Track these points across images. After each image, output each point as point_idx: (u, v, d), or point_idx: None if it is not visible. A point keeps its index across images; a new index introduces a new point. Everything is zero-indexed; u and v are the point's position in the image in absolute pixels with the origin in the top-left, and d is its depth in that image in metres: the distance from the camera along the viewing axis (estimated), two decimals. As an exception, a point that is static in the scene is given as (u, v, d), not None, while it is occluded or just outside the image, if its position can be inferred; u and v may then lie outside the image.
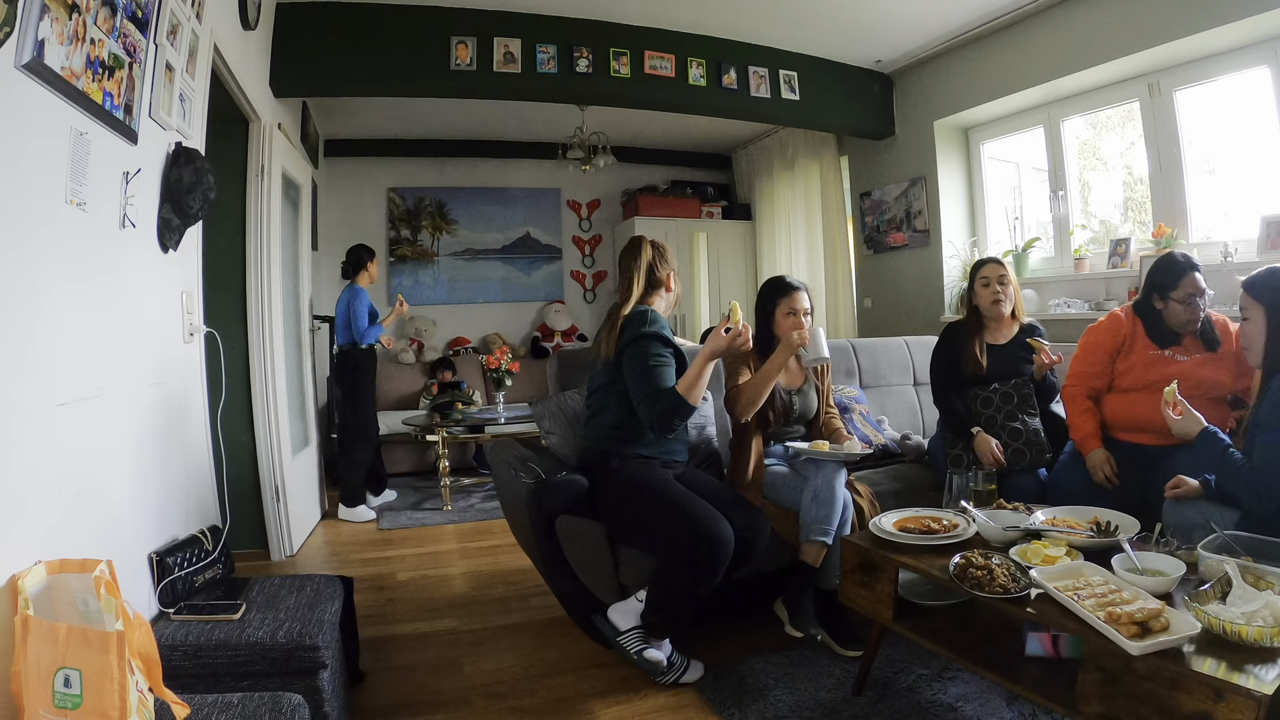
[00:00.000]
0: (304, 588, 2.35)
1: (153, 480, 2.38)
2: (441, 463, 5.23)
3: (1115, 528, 2.21)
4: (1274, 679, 1.46)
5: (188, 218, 2.69)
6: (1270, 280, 2.33)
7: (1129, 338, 2.95)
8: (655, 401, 2.59)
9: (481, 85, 4.66)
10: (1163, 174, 4.46)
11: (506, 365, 5.67)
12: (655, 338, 2.69)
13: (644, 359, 2.65)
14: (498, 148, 7.51)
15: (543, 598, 3.30)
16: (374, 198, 7.33)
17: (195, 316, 2.95)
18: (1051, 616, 1.81)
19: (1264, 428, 2.22)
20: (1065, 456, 3.07)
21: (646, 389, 2.61)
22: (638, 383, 2.64)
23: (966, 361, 3.22)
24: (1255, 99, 4.03)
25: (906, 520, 2.39)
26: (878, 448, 3.46)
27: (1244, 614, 1.62)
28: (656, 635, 2.56)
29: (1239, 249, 3.94)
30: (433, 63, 4.53)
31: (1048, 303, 4.91)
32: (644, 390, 2.63)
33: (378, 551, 4.24)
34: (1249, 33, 3.84)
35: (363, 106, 5.94)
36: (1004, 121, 5.52)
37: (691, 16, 4.91)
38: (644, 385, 2.62)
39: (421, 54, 4.51)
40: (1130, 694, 1.60)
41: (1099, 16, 4.39)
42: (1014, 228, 5.53)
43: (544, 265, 7.91)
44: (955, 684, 2.46)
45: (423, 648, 2.95)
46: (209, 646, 1.95)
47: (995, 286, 3.23)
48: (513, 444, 3.39)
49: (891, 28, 5.15)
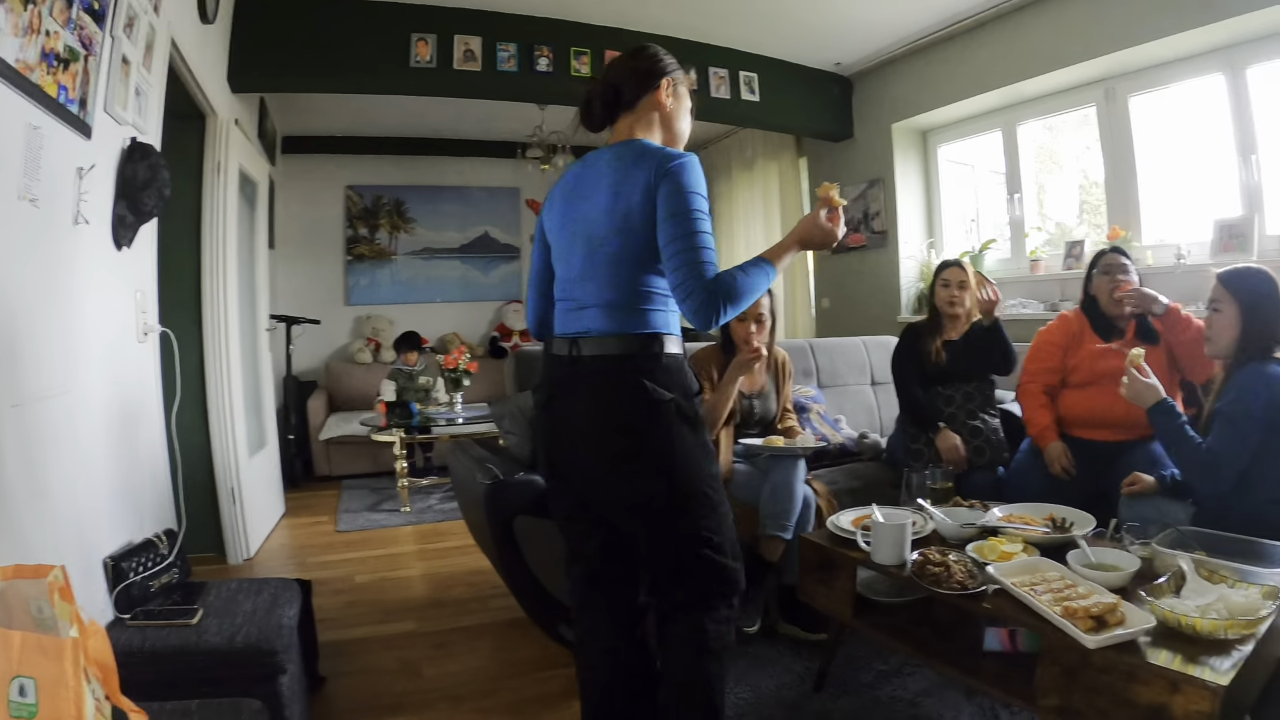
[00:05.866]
0: (261, 591, 2.32)
1: (107, 483, 2.33)
2: (399, 463, 5.18)
3: (1071, 524, 2.26)
4: (1229, 670, 1.49)
5: (142, 215, 2.63)
6: (1248, 279, 2.39)
7: (1076, 334, 3.10)
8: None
9: (441, 83, 4.63)
10: (1117, 177, 4.58)
11: (464, 365, 5.62)
12: None
13: None
14: (457, 146, 7.47)
15: (503, 599, 3.28)
16: (332, 196, 7.24)
17: (149, 316, 2.89)
18: (1009, 612, 1.83)
19: (1224, 416, 2.29)
20: (1021, 455, 3.15)
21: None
22: None
23: (927, 357, 3.31)
24: (1209, 105, 4.14)
25: (865, 518, 2.41)
26: (835, 446, 3.50)
27: (1198, 607, 1.67)
28: None
29: (1192, 251, 4.07)
30: (393, 60, 4.48)
31: (1004, 303, 4.99)
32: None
33: (336, 554, 4.19)
34: (1204, 41, 3.95)
35: (321, 103, 5.86)
36: (962, 125, 5.62)
37: (653, 16, 4.92)
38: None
39: (381, 51, 4.46)
40: (1088, 687, 1.63)
41: (1057, 23, 4.48)
42: (971, 229, 5.64)
43: (502, 265, 7.88)
44: (915, 679, 2.50)
45: (383, 651, 2.92)
46: (166, 653, 1.92)
47: (954, 290, 3.33)
48: (471, 444, 3.38)
49: (851, 31, 5.21)
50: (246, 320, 4.42)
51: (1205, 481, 2.32)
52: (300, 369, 6.39)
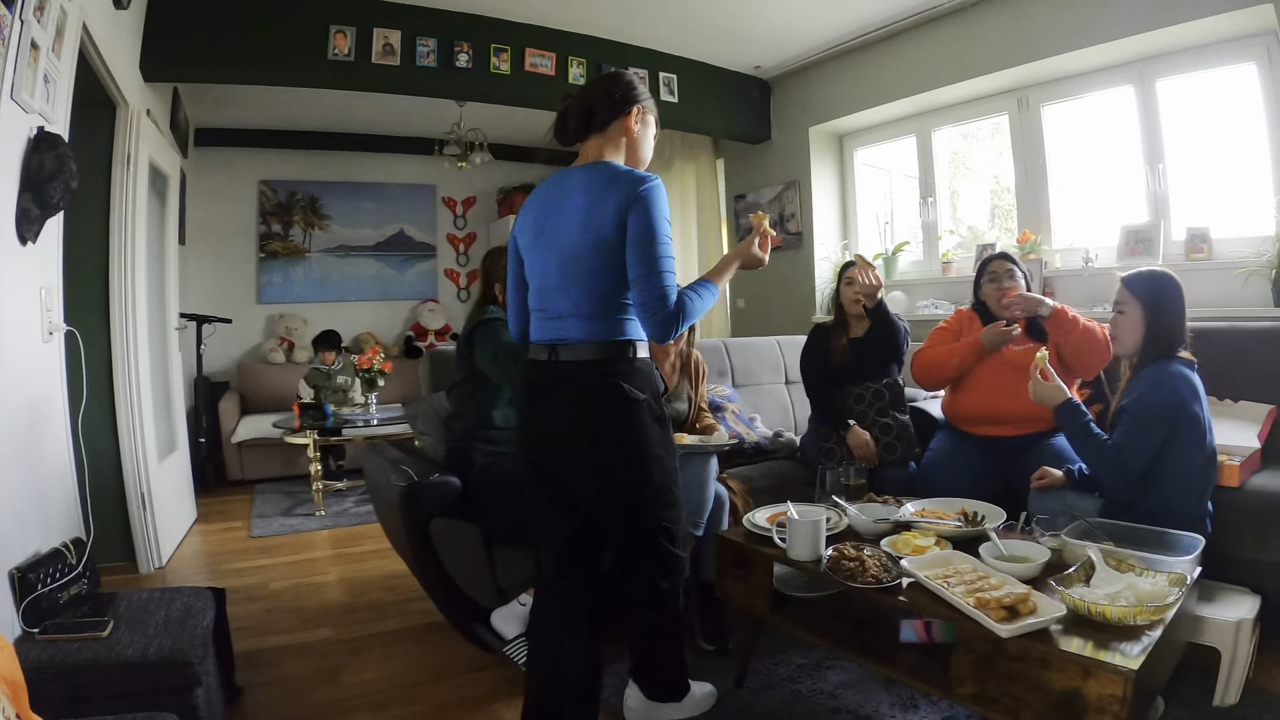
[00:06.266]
0: (174, 601, 2.25)
1: (11, 491, 2.23)
2: (313, 466, 5.06)
3: (982, 518, 2.36)
4: (1139, 654, 1.56)
5: (48, 208, 2.53)
6: (1153, 281, 2.52)
7: (969, 331, 3.24)
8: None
9: (359, 77, 4.55)
10: (1029, 183, 4.81)
11: (379, 365, 5.53)
12: (498, 320, 2.75)
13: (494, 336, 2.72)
14: (373, 142, 7.34)
15: (421, 602, 3.25)
16: (245, 190, 7.00)
17: (55, 314, 2.77)
18: (923, 604, 1.88)
19: (1130, 413, 2.41)
20: (933, 451, 3.25)
21: None
22: None
23: (833, 355, 3.42)
24: (1119, 116, 4.37)
25: (780, 515, 2.43)
26: (750, 445, 3.57)
27: (1108, 595, 1.75)
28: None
29: (1099, 255, 4.31)
30: (310, 52, 4.38)
31: (916, 304, 5.20)
32: None
33: (250, 560, 4.08)
34: (1116, 54, 4.17)
35: (236, 94, 5.66)
36: (877, 130, 5.80)
37: (574, 15, 4.94)
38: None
39: (299, 42, 4.36)
40: (1003, 674, 1.68)
41: (972, 34, 4.67)
42: (885, 232, 5.84)
43: (418, 263, 7.77)
44: (834, 672, 2.57)
45: (301, 659, 2.86)
46: (77, 667, 1.85)
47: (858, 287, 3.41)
48: (385, 446, 3.34)
49: (771, 35, 5.32)
50: (156, 319, 4.27)
51: (1111, 476, 2.42)
52: (211, 369, 6.20)
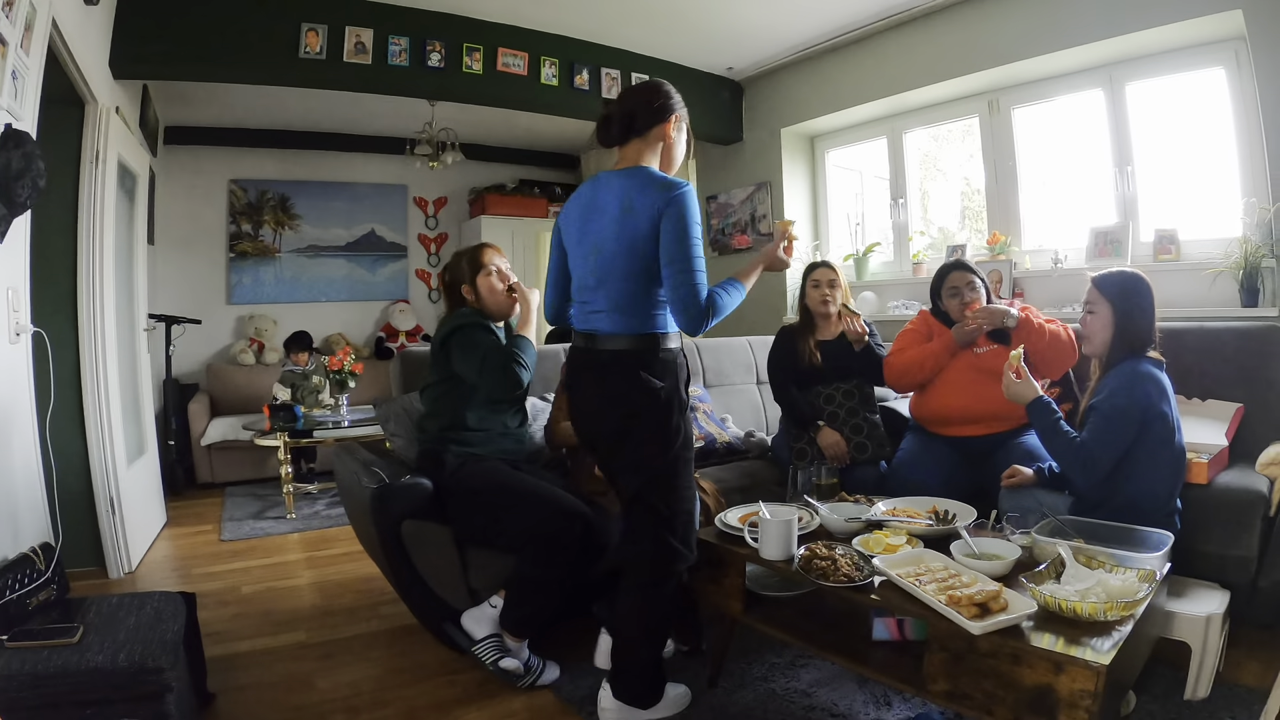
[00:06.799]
0: (144, 606, 2.23)
1: (-24, 495, 2.20)
2: (284, 469, 5.01)
3: (953, 516, 2.39)
4: (1110, 650, 1.59)
5: (15, 207, 2.49)
6: (1122, 281, 2.57)
7: (935, 333, 3.27)
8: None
9: (331, 75, 4.52)
10: (999, 185, 4.88)
11: (350, 366, 5.48)
12: (476, 325, 2.78)
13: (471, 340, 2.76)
14: (344, 141, 7.28)
15: (393, 605, 3.25)
16: (214, 190, 6.90)
17: (22, 315, 2.73)
18: (896, 602, 1.90)
19: (1099, 411, 2.45)
20: (904, 450, 3.27)
21: None
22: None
23: (802, 358, 3.43)
24: (1089, 119, 4.45)
25: (752, 515, 2.45)
26: (722, 445, 3.60)
27: (1078, 591, 1.78)
28: (518, 635, 2.57)
29: (1068, 256, 4.38)
30: (281, 50, 4.34)
31: (887, 304, 5.26)
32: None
33: (221, 564, 4.03)
34: (1085, 58, 4.24)
35: (206, 93, 5.59)
36: (849, 131, 5.86)
37: (547, 16, 4.94)
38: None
39: (271, 40, 4.32)
40: (975, 671, 1.71)
41: (943, 37, 4.72)
42: (856, 233, 5.88)
43: (389, 263, 7.71)
44: (808, 670, 2.59)
45: (273, 664, 2.84)
46: (47, 675, 1.82)
47: (825, 289, 3.46)
48: (356, 448, 3.33)
49: (744, 37, 5.35)
50: (124, 320, 4.22)
51: (1080, 473, 2.45)
52: (181, 371, 6.13)
